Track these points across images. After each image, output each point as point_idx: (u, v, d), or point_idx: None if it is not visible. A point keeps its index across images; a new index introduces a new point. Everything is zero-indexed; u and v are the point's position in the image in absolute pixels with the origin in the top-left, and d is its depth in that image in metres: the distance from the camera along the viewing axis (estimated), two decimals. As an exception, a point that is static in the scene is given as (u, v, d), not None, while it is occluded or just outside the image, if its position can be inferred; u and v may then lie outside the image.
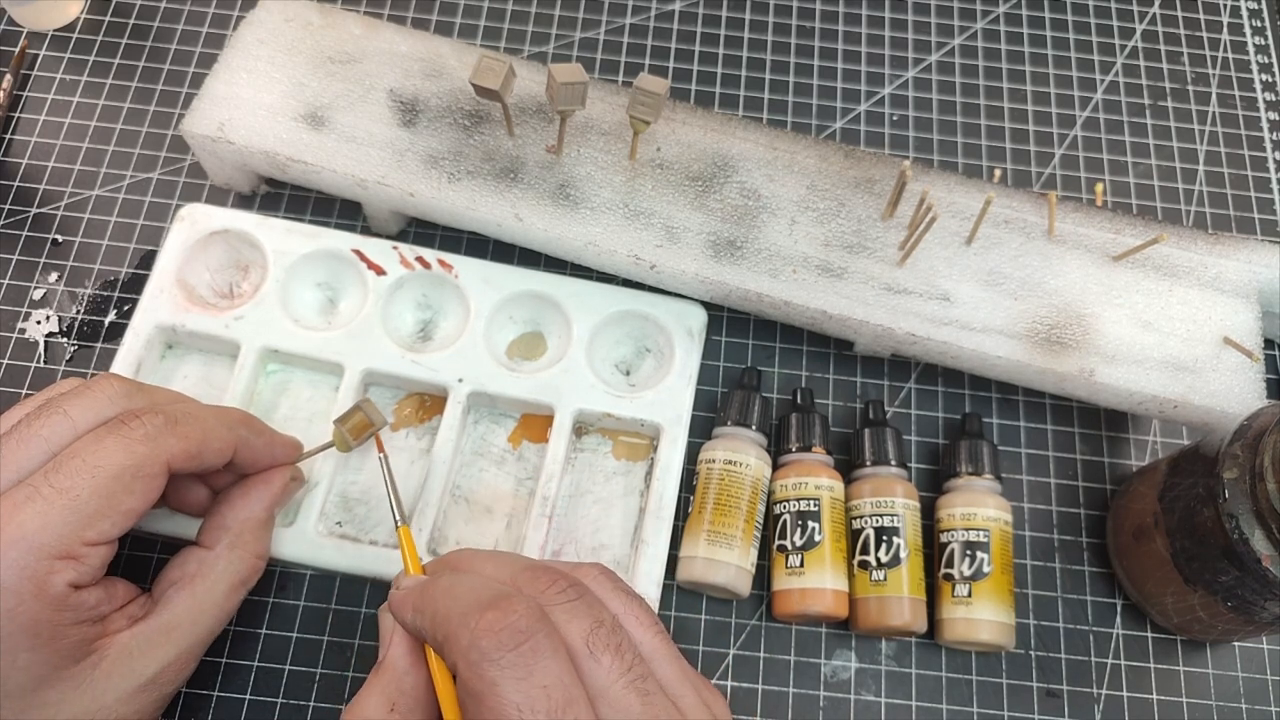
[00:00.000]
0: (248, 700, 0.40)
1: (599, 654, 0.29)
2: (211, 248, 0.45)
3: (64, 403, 0.33)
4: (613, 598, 0.32)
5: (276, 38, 0.47)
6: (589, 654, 0.28)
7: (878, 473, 0.43)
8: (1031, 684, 0.42)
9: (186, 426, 0.34)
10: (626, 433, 0.44)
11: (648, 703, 0.29)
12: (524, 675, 0.27)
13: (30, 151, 0.50)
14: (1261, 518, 0.35)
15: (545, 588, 0.30)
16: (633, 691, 0.28)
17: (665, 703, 0.29)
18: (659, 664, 0.31)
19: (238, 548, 0.37)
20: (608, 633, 0.29)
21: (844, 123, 0.54)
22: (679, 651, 0.32)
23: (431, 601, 0.30)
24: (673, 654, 0.32)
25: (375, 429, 0.40)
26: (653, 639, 0.31)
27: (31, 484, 0.31)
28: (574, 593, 0.30)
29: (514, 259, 0.48)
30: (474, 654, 0.27)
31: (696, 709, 0.30)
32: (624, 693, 0.28)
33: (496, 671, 0.27)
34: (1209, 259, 0.46)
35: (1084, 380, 0.43)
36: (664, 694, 0.30)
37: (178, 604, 0.35)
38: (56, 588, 0.30)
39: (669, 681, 0.30)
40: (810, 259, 0.44)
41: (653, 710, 0.28)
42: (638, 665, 0.29)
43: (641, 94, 0.42)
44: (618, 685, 0.28)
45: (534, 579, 0.30)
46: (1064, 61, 0.57)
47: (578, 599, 0.30)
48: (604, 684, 0.28)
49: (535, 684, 0.27)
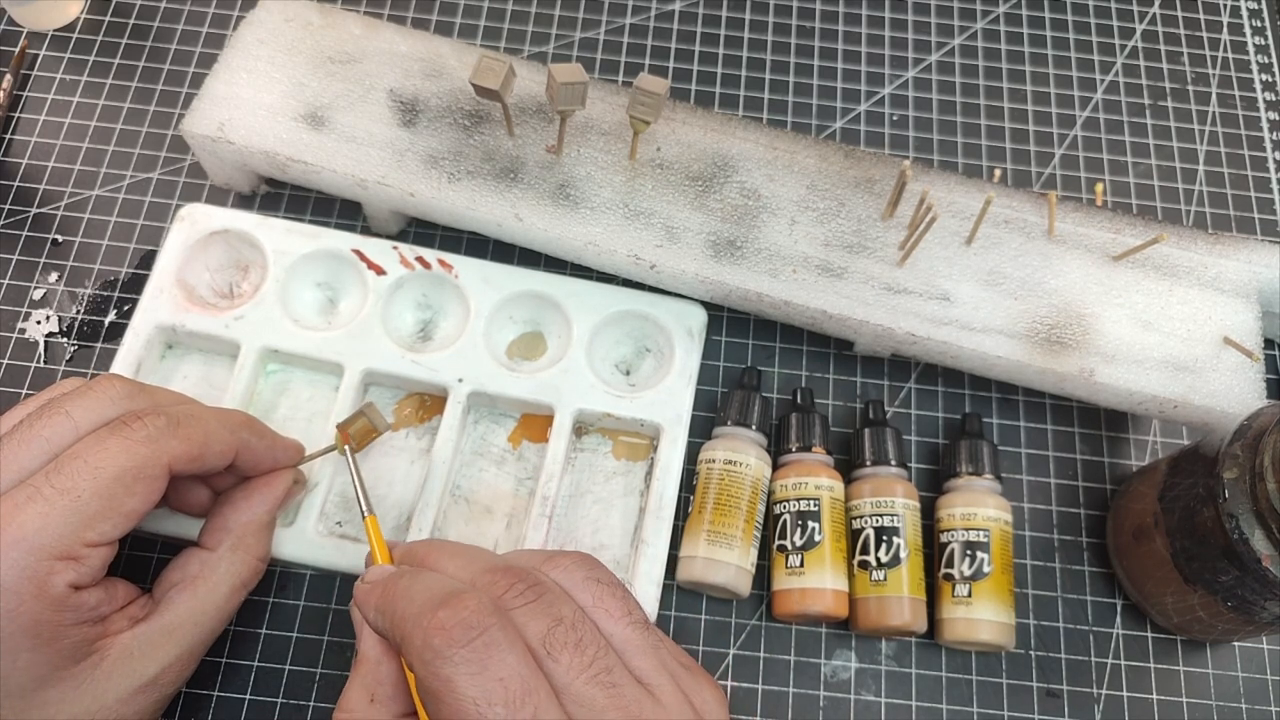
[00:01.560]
0: (248, 700, 0.40)
1: (557, 653, 0.28)
2: (211, 248, 0.45)
3: (66, 403, 0.33)
4: (582, 589, 0.31)
5: (276, 38, 0.47)
6: (546, 654, 0.28)
7: (878, 473, 0.43)
8: (1031, 684, 0.42)
9: (189, 428, 0.34)
10: (626, 433, 0.44)
11: (613, 694, 0.28)
12: (478, 670, 0.27)
13: (30, 151, 0.50)
14: (1261, 518, 0.35)
15: (503, 591, 0.30)
16: (596, 685, 0.28)
17: (637, 694, 0.29)
18: (631, 656, 0.30)
19: (240, 550, 0.37)
20: (566, 630, 0.29)
21: (844, 123, 0.54)
22: (660, 642, 0.32)
23: (390, 602, 0.30)
24: (648, 644, 0.31)
25: (379, 434, 0.40)
26: (624, 630, 0.31)
27: (33, 484, 0.31)
28: (532, 594, 0.30)
29: (514, 259, 0.48)
30: (428, 653, 0.28)
31: (674, 699, 0.30)
32: (586, 687, 0.28)
33: (450, 669, 0.27)
34: (1209, 259, 0.46)
35: (1084, 380, 0.43)
36: (636, 685, 0.29)
37: (179, 605, 0.35)
38: (57, 588, 0.30)
39: (644, 672, 0.30)
40: (810, 259, 0.44)
41: (619, 702, 0.28)
42: (601, 658, 0.29)
43: (641, 94, 0.42)
44: (579, 680, 0.28)
45: (493, 582, 0.30)
46: (1064, 61, 0.57)
47: (535, 600, 0.30)
48: (565, 681, 0.28)
49: (491, 677, 0.27)
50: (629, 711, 0.28)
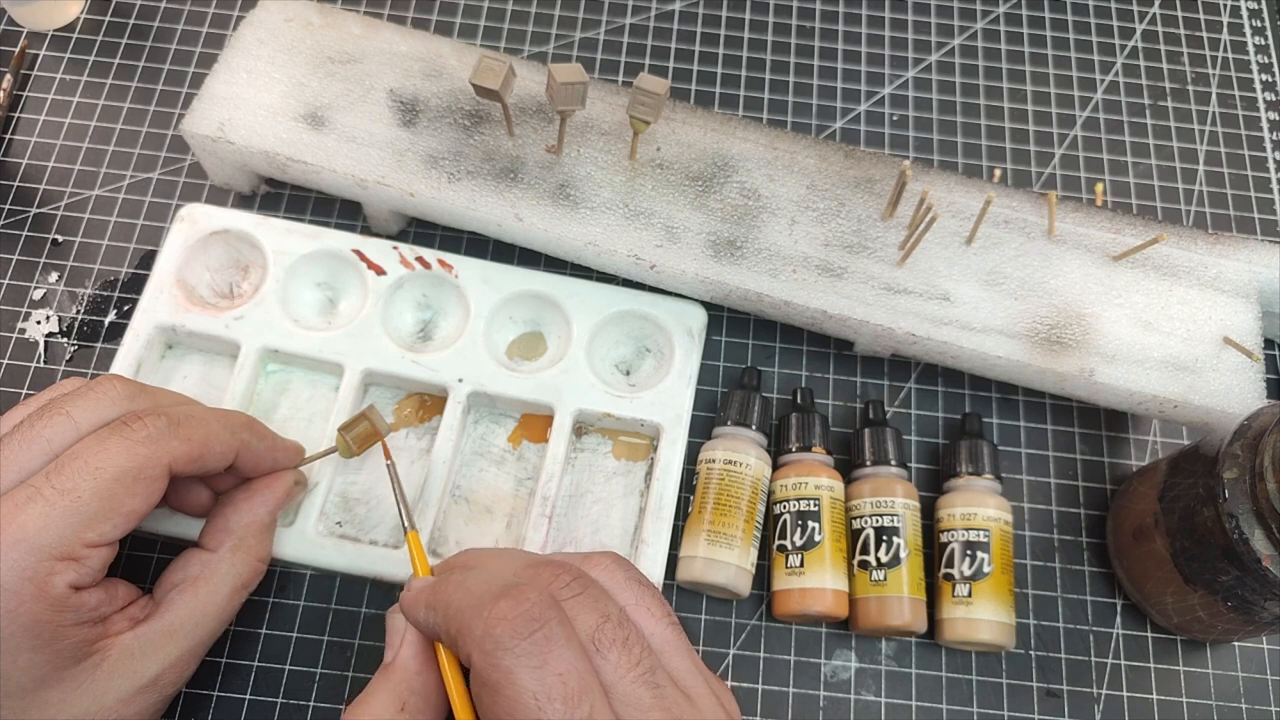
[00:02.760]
0: (248, 700, 0.40)
1: (605, 650, 0.28)
2: (211, 248, 0.45)
3: (66, 404, 0.33)
4: (624, 589, 0.32)
5: (276, 38, 0.47)
6: (595, 650, 0.28)
7: (878, 473, 0.43)
8: (1031, 684, 0.42)
9: (189, 429, 0.34)
10: (626, 433, 0.44)
11: (658, 695, 0.28)
12: (539, 663, 0.27)
13: (30, 151, 0.50)
14: (1261, 518, 0.35)
15: (549, 582, 0.30)
16: (643, 685, 0.28)
17: (677, 695, 0.29)
18: (671, 656, 0.31)
19: (240, 551, 0.37)
20: (614, 627, 0.29)
21: (844, 123, 0.54)
22: (690, 644, 0.32)
23: (444, 596, 0.30)
24: (685, 646, 0.31)
25: (381, 437, 0.40)
26: (665, 630, 0.31)
27: (33, 485, 0.31)
28: (579, 586, 0.30)
29: (514, 259, 0.48)
30: (488, 643, 0.27)
31: (708, 701, 0.30)
32: (633, 687, 0.28)
33: (512, 660, 0.27)
34: (1209, 259, 0.45)
35: (1084, 380, 0.43)
36: (675, 687, 0.29)
37: (180, 606, 0.35)
38: (57, 589, 0.30)
39: (681, 674, 0.30)
40: (810, 259, 0.44)
41: (664, 703, 0.28)
42: (647, 658, 0.29)
43: (641, 94, 0.42)
44: (627, 679, 0.28)
45: (538, 574, 0.30)
46: (1064, 61, 0.57)
47: (582, 593, 0.30)
48: (613, 679, 0.28)
49: (551, 671, 0.27)
50: (671, 713, 0.28)
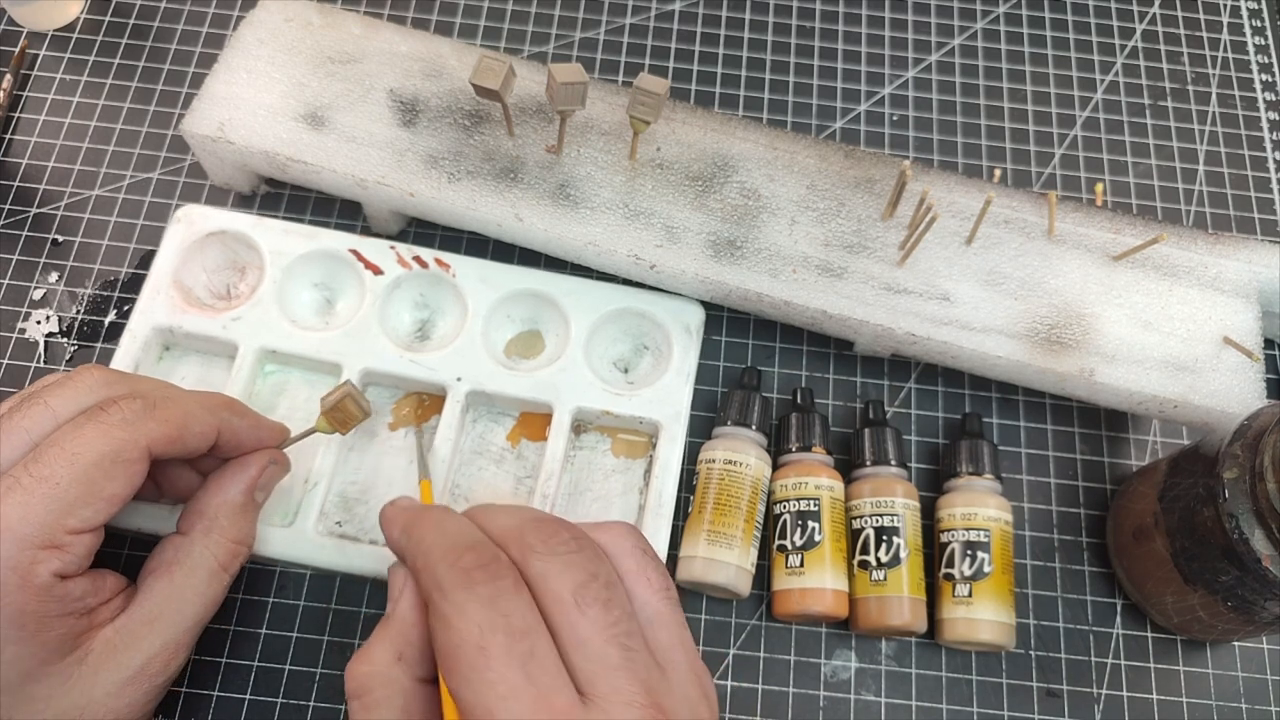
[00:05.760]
0: (248, 700, 0.40)
1: (586, 606, 0.29)
2: (208, 249, 0.45)
3: (45, 394, 0.33)
4: (628, 555, 0.32)
5: (276, 38, 0.47)
6: (575, 605, 0.29)
7: (878, 473, 0.43)
8: (1031, 684, 0.42)
9: (166, 410, 0.33)
10: (625, 430, 0.44)
11: (628, 657, 0.29)
12: (489, 603, 0.28)
13: (30, 151, 0.50)
14: (1261, 518, 0.35)
15: (548, 537, 0.30)
16: (614, 645, 0.29)
17: (648, 661, 0.29)
18: (659, 629, 0.31)
19: (213, 532, 0.36)
20: (600, 587, 0.29)
21: (844, 123, 0.54)
22: (685, 624, 0.32)
23: (419, 529, 0.32)
24: (676, 623, 0.31)
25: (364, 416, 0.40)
26: (658, 603, 0.31)
27: (12, 475, 0.31)
28: (574, 545, 0.30)
29: (514, 259, 0.48)
30: (447, 581, 0.29)
31: (683, 676, 0.30)
32: (605, 645, 0.28)
33: (465, 595, 0.28)
34: (1209, 259, 0.45)
35: (1084, 380, 0.43)
36: (650, 654, 0.30)
37: (157, 592, 0.35)
38: (41, 577, 0.30)
39: (663, 646, 0.30)
40: (810, 259, 0.44)
41: (632, 665, 0.28)
42: (625, 622, 0.29)
43: (641, 94, 0.42)
44: (600, 637, 0.28)
45: (539, 528, 0.31)
46: (1064, 61, 0.57)
47: (576, 551, 0.30)
48: (587, 634, 0.28)
49: (498, 610, 0.28)
50: (638, 675, 0.28)
